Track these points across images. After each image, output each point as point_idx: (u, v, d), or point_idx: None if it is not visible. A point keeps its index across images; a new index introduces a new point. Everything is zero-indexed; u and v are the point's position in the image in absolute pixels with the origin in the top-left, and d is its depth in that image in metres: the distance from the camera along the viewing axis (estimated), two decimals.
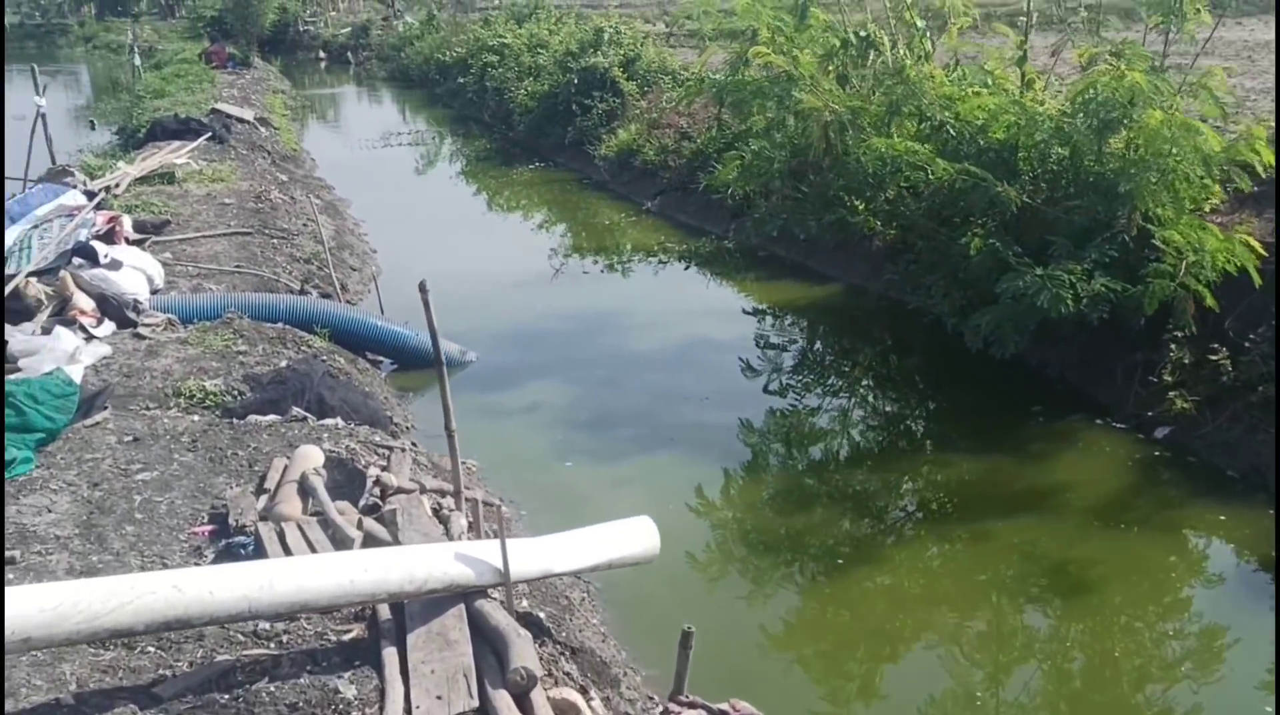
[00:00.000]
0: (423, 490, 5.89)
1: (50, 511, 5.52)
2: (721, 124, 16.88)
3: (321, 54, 53.48)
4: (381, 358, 10.36)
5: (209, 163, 16.38)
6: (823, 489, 7.98)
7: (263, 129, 22.38)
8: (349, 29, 55.21)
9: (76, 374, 7.87)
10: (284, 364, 8.62)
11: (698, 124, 17.97)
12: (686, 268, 14.02)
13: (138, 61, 34.89)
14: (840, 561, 6.99)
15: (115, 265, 9.28)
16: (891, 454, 8.62)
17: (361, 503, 5.60)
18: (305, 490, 5.58)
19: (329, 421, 7.56)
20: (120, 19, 71.71)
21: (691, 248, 14.60)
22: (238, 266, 11.19)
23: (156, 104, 23.74)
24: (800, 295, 12.22)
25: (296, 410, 7.48)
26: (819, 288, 12.39)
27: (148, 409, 7.47)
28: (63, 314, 8.86)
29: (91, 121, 29.60)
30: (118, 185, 13.90)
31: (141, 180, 14.58)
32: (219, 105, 22.37)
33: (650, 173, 17.95)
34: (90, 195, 10.18)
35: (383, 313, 11.04)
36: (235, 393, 7.92)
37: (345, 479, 5.91)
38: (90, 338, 8.68)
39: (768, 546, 7.24)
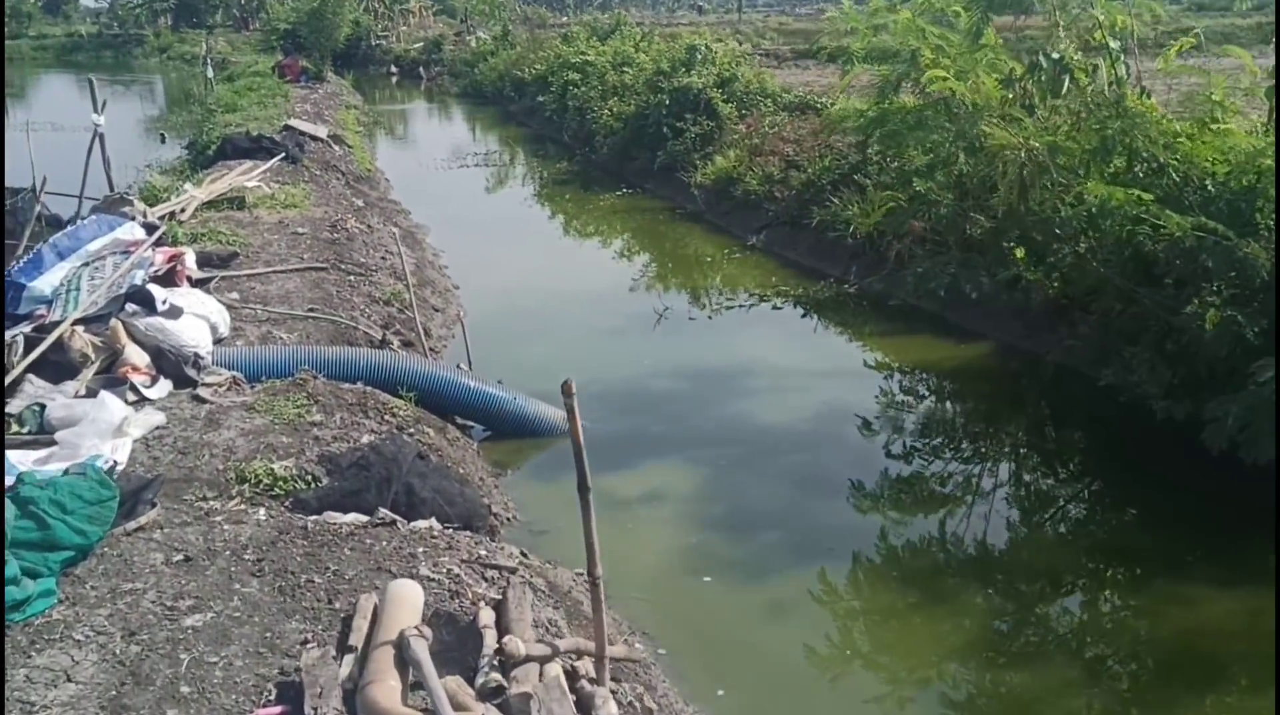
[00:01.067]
0: (555, 654, 4.45)
1: (70, 680, 4.15)
2: (836, 154, 15.39)
3: (393, 69, 52.95)
4: (471, 423, 8.99)
5: (281, 185, 15.21)
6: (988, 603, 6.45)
7: (336, 148, 21.30)
8: (421, 44, 54.65)
9: (124, 450, 6.58)
10: (365, 440, 7.26)
11: (805, 151, 16.48)
12: (804, 315, 12.50)
13: (210, 74, 34.27)
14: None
15: (174, 313, 8.00)
16: (1071, 566, 7.02)
17: (479, 681, 4.16)
18: (405, 659, 4.16)
19: (421, 525, 6.16)
20: (195, 30, 72.07)
21: (807, 291, 13.08)
22: (311, 309, 9.90)
23: (228, 118, 22.78)
24: (945, 355, 10.63)
25: (383, 512, 6.10)
26: (964, 347, 10.79)
27: (204, 500, 6.13)
28: (111, 370, 7.59)
29: (162, 134, 28.86)
30: (183, 210, 12.75)
31: (209, 205, 13.42)
32: (292, 122, 21.33)
33: (753, 204, 16.47)
34: (150, 229, 8.95)
35: (470, 365, 9.67)
36: (309, 478, 6.57)
37: (455, 639, 4.49)
38: (142, 400, 7.40)
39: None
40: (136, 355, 7.70)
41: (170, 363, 7.78)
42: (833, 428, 9.05)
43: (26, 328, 7.80)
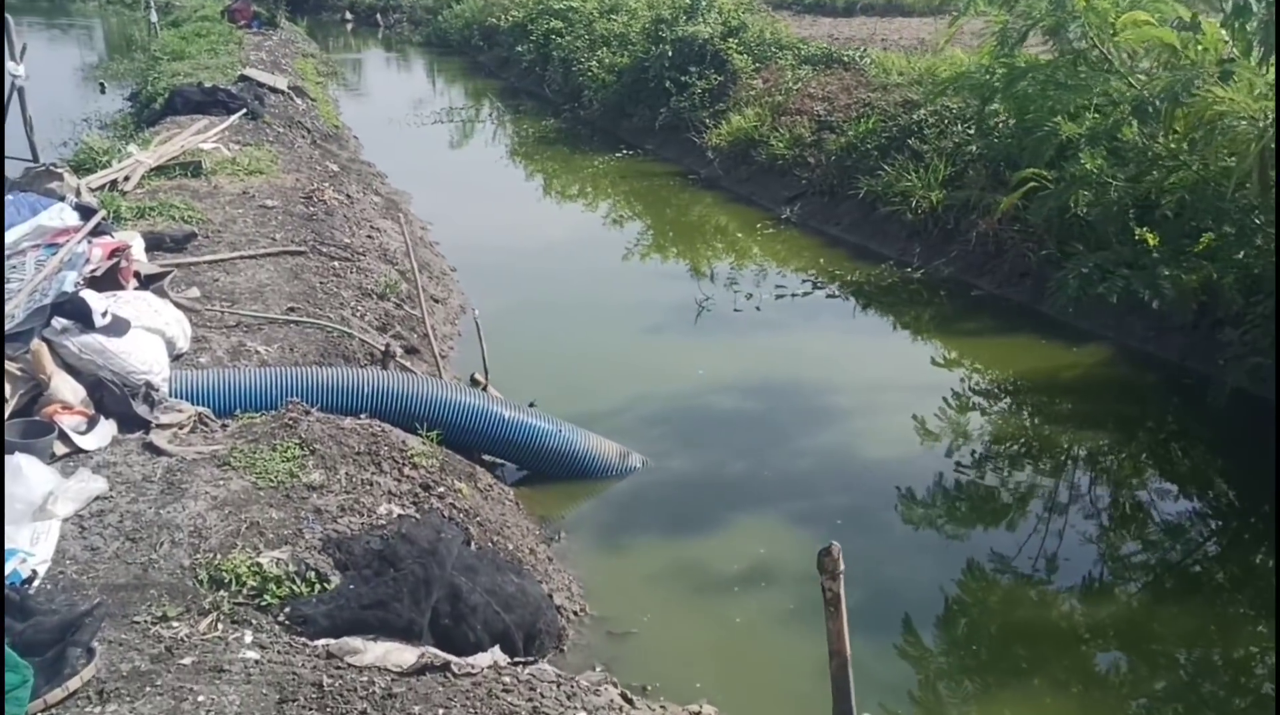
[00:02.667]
0: None
1: None
2: (880, 114, 13.54)
3: (348, 15, 49.90)
4: (501, 461, 7.13)
5: (242, 147, 13.07)
6: None
7: (299, 101, 19.03)
8: None
9: (47, 543, 4.66)
10: (384, 509, 5.38)
11: (839, 110, 14.60)
12: (866, 306, 10.69)
13: (154, 18, 31.45)
14: None
15: (118, 328, 6.02)
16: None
17: None
18: None
19: (480, 662, 4.34)
20: None
21: (866, 276, 11.26)
22: (290, 309, 7.93)
23: (175, 67, 20.40)
24: (1060, 363, 8.87)
25: (431, 652, 4.25)
26: (1077, 351, 9.05)
27: (164, 620, 4.26)
28: (32, 411, 5.62)
29: (101, 84, 26.25)
30: (126, 178, 10.64)
31: (158, 171, 11.29)
32: (249, 71, 19.02)
33: (780, 170, 14.59)
34: (85, 212, 6.88)
35: (486, 375, 7.78)
36: (312, 576, 4.70)
37: None
38: (74, 452, 5.47)
39: None
40: (68, 388, 5.73)
41: (113, 397, 5.82)
42: (948, 465, 7.28)
43: None
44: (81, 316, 5.89)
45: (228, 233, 9.68)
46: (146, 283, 7.16)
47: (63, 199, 6.68)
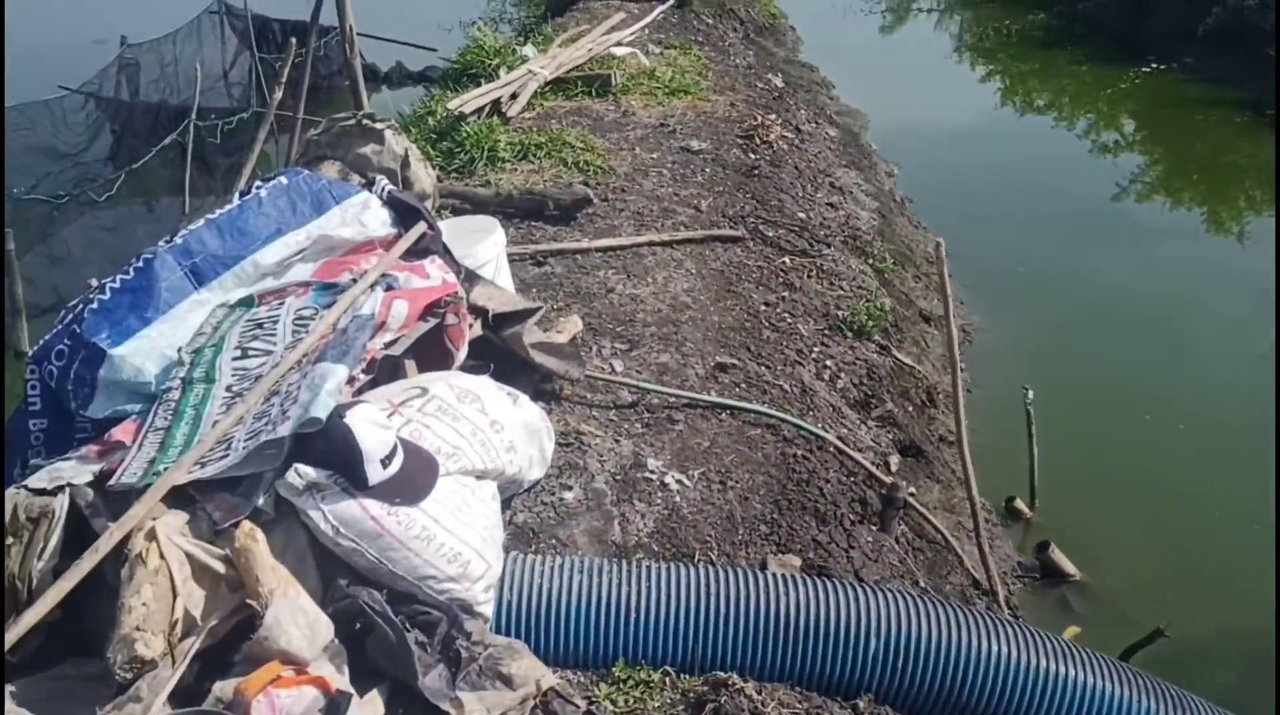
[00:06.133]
0: None
1: None
2: None
3: None
4: None
5: (664, 49, 9.98)
6: None
7: None
8: None
9: None
10: None
11: None
12: None
13: None
14: None
15: (412, 482, 3.02)
16: None
17: None
18: None
19: None
20: None
21: None
22: (719, 369, 4.70)
23: None
24: None
25: None
26: None
27: None
28: (226, 670, 2.76)
29: None
30: (514, 98, 7.82)
31: (555, 86, 8.42)
32: None
33: None
34: (403, 213, 3.82)
35: (1034, 501, 4.18)
36: None
37: None
38: None
39: None
40: (297, 626, 2.79)
41: (384, 645, 2.85)
42: None
43: (77, 465, 3.10)
44: (344, 460, 2.93)
45: (634, 194, 6.60)
46: (498, 327, 4.15)
47: (368, 188, 3.76)
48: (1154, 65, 13.36)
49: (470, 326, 4.03)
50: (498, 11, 17.04)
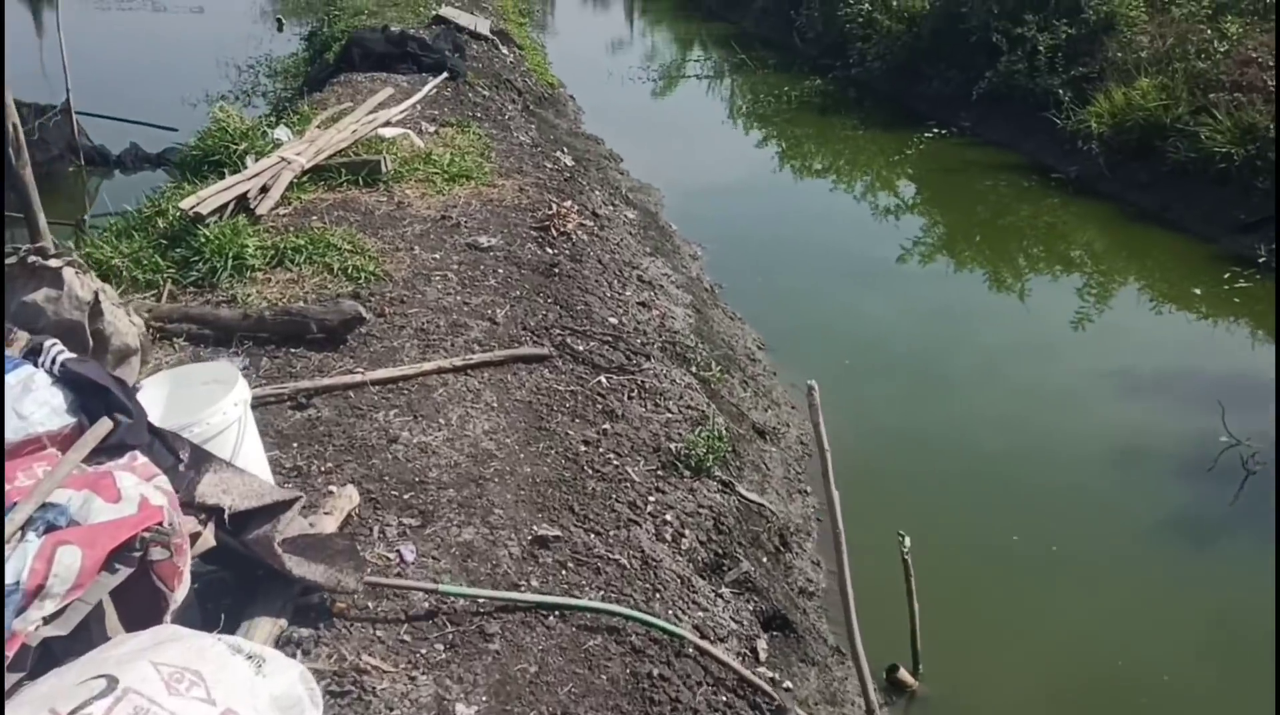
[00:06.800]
0: None
1: None
2: None
3: None
4: None
5: (439, 127, 8.98)
6: None
7: (504, 49, 14.93)
8: None
9: None
10: None
11: None
12: None
13: None
14: None
15: None
16: None
17: None
18: None
19: None
20: None
21: None
22: (538, 544, 3.71)
23: (359, 4, 16.56)
24: None
25: None
26: None
27: None
28: None
29: (279, 19, 22.90)
30: (264, 191, 6.64)
31: (316, 173, 7.27)
32: (446, 11, 14.99)
33: (1218, 178, 9.62)
34: (81, 391, 2.68)
35: (917, 668, 3.41)
36: None
37: None
38: None
39: None
40: None
41: None
42: None
43: None
44: None
45: (416, 305, 5.55)
46: (238, 528, 3.01)
47: (35, 353, 2.59)
48: (935, 130, 13.39)
49: (198, 537, 2.90)
50: (250, 84, 15.65)
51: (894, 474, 5.75)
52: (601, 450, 4.50)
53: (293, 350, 5.07)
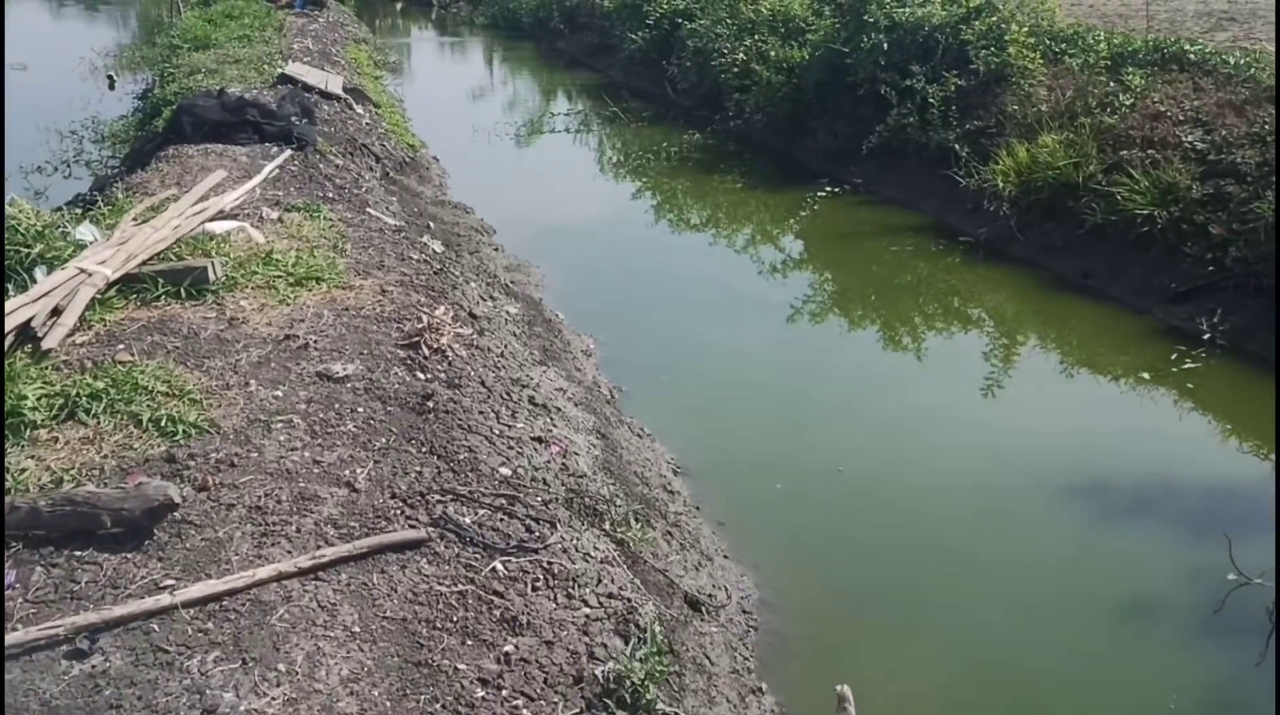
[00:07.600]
0: None
1: None
2: None
3: None
4: None
5: (283, 213, 7.68)
6: None
7: (359, 109, 13.64)
8: None
9: None
10: None
11: (1234, 143, 8.99)
12: None
13: None
14: None
15: None
16: None
17: None
18: None
19: None
20: None
21: None
22: None
23: (197, 59, 15.06)
24: None
25: None
26: None
27: None
28: None
29: (110, 76, 21.04)
30: (55, 315, 5.28)
31: (127, 283, 5.91)
32: (292, 69, 13.61)
33: (1140, 242, 9.02)
34: None
35: None
36: None
37: None
38: None
39: None
40: None
41: None
42: None
43: None
44: None
45: (250, 471, 4.29)
46: None
47: None
48: (829, 189, 12.63)
49: None
50: (73, 152, 13.99)
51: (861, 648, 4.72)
52: (505, 693, 3.33)
53: (77, 553, 3.80)
